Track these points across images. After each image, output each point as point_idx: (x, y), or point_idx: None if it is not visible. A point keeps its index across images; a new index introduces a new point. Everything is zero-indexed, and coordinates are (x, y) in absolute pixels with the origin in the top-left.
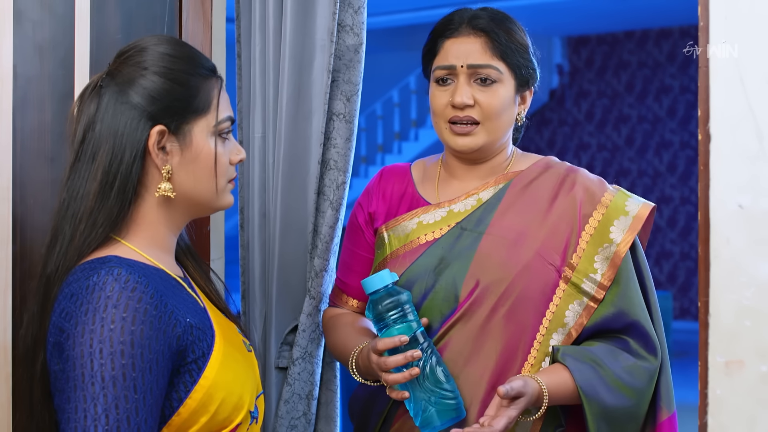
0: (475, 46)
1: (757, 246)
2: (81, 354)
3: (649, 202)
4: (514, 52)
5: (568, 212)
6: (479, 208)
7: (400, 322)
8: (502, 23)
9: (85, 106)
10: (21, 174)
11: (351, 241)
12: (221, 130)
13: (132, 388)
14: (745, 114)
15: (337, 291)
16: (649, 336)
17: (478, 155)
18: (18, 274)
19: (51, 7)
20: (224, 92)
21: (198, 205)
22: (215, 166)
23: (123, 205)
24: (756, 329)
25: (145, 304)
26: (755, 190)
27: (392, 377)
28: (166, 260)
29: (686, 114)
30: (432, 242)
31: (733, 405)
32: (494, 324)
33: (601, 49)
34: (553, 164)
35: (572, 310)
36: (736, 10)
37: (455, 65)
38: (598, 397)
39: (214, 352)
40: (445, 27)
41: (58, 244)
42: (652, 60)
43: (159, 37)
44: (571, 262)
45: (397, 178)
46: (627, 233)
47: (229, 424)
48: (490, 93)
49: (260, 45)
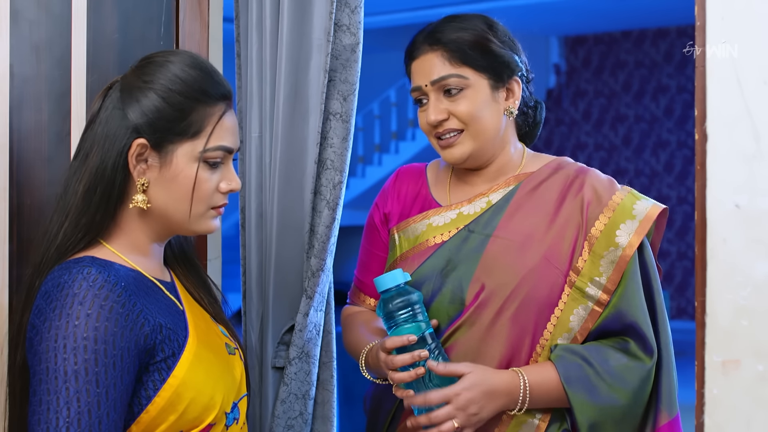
0: (434, 61)
1: (753, 246)
2: (46, 349)
3: (659, 203)
4: (474, 53)
5: (575, 215)
6: (488, 211)
7: (409, 322)
8: (460, 28)
9: (94, 104)
10: (18, 174)
11: (368, 240)
12: (208, 158)
13: (94, 383)
14: (742, 114)
15: (355, 290)
16: (646, 337)
17: (474, 161)
18: (15, 274)
19: (48, 7)
20: (227, 121)
21: (173, 224)
22: (192, 190)
23: (107, 210)
24: (752, 329)
25: (111, 302)
26: (752, 189)
27: (398, 376)
28: (147, 264)
29: (683, 114)
30: (440, 244)
31: (730, 404)
32: (499, 327)
33: (598, 48)
34: (564, 165)
35: (577, 315)
36: (733, 10)
37: (421, 86)
38: (584, 393)
39: (185, 352)
40: (410, 49)
41: (46, 238)
42: (649, 60)
43: (184, 56)
44: (576, 266)
45: (413, 179)
46: (633, 236)
47: (200, 423)
48: (461, 101)
49: (257, 44)
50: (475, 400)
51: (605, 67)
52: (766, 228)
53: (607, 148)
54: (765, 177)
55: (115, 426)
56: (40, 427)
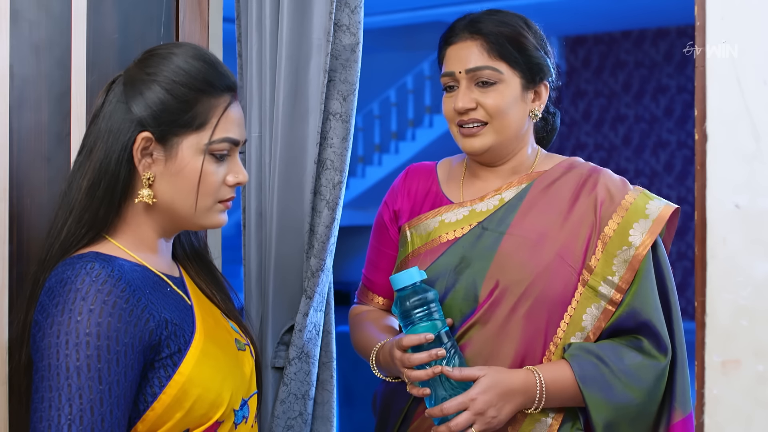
0: (472, 50)
1: (753, 246)
2: (48, 345)
3: (672, 204)
4: (513, 50)
5: (589, 214)
6: (501, 208)
7: (425, 320)
8: (502, 23)
9: (98, 99)
10: (18, 174)
11: (377, 239)
12: (214, 150)
13: (97, 379)
14: (742, 114)
15: (364, 289)
16: (660, 336)
17: (492, 156)
18: (15, 275)
19: (48, 7)
20: (232, 112)
21: (180, 219)
22: (198, 183)
23: (111, 205)
24: (752, 329)
25: (115, 297)
26: (752, 189)
27: (415, 374)
28: (154, 259)
29: (683, 114)
30: (453, 241)
31: (730, 404)
32: (513, 325)
33: (598, 48)
34: (577, 164)
35: (590, 314)
36: (733, 10)
37: (454, 72)
38: (600, 392)
39: (192, 348)
40: (447, 34)
41: (50, 234)
42: (649, 60)
43: (187, 47)
44: (589, 264)
45: (422, 176)
46: (646, 236)
47: (207, 421)
48: (491, 94)
49: (257, 44)
50: (492, 402)
51: (605, 67)
52: (766, 228)
53: (607, 148)
54: (765, 177)
55: (118, 423)
56: (42, 425)
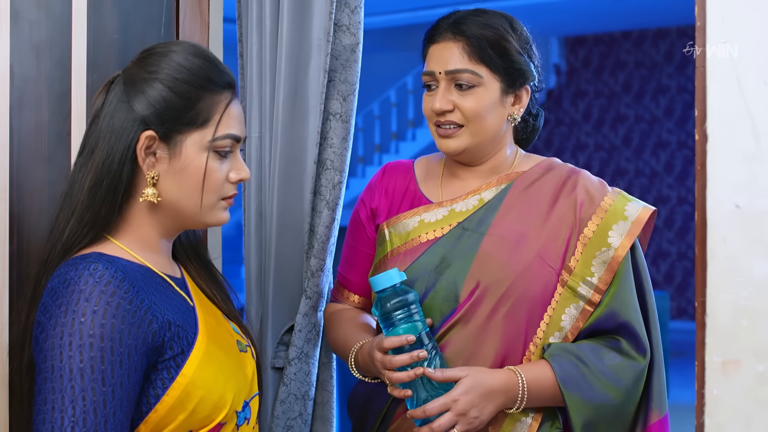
0: (453, 51)
1: (753, 246)
2: (51, 346)
3: (650, 206)
4: (495, 54)
5: (569, 215)
6: (481, 209)
7: (405, 322)
8: (486, 25)
9: (97, 99)
10: (18, 174)
11: (353, 236)
12: (217, 147)
13: (100, 381)
14: (742, 114)
15: (339, 286)
16: (638, 337)
17: (469, 156)
18: (15, 275)
19: (48, 7)
20: (233, 109)
21: (184, 217)
22: (203, 180)
23: (113, 205)
24: (753, 329)
25: (119, 299)
26: (752, 189)
27: (396, 376)
28: (156, 260)
29: (683, 114)
30: (433, 241)
31: (730, 405)
32: (494, 325)
33: (598, 49)
34: (556, 166)
35: (568, 314)
36: (733, 10)
37: (434, 72)
38: (579, 392)
39: (195, 350)
40: (431, 32)
41: (52, 234)
42: (650, 60)
43: (186, 45)
44: (569, 265)
45: (400, 174)
46: (625, 238)
47: (210, 422)
48: (469, 98)
49: (257, 45)
50: (475, 403)
51: (605, 68)
52: (766, 228)
53: (607, 149)
54: (765, 177)
55: (121, 425)
56: (45, 426)
